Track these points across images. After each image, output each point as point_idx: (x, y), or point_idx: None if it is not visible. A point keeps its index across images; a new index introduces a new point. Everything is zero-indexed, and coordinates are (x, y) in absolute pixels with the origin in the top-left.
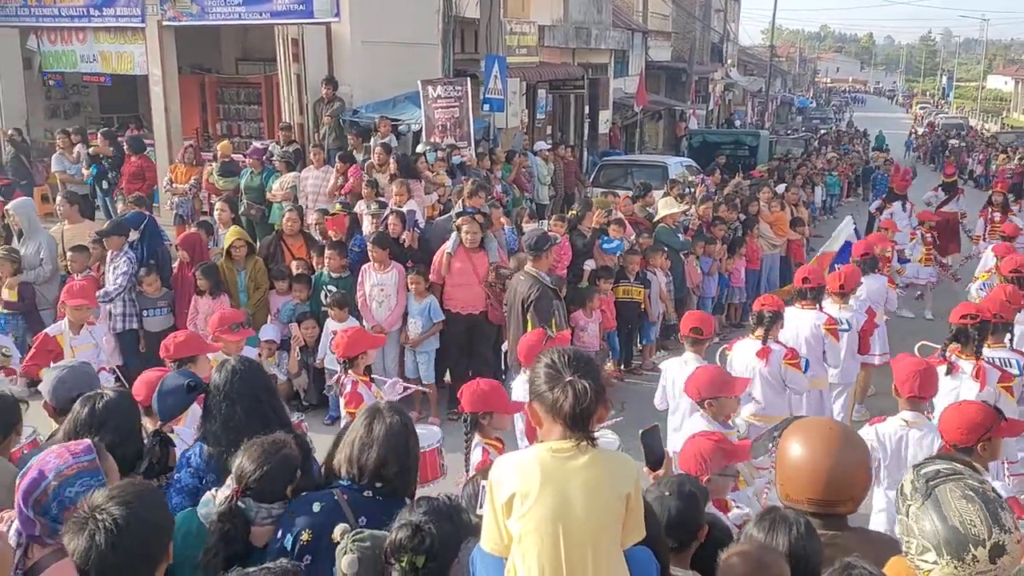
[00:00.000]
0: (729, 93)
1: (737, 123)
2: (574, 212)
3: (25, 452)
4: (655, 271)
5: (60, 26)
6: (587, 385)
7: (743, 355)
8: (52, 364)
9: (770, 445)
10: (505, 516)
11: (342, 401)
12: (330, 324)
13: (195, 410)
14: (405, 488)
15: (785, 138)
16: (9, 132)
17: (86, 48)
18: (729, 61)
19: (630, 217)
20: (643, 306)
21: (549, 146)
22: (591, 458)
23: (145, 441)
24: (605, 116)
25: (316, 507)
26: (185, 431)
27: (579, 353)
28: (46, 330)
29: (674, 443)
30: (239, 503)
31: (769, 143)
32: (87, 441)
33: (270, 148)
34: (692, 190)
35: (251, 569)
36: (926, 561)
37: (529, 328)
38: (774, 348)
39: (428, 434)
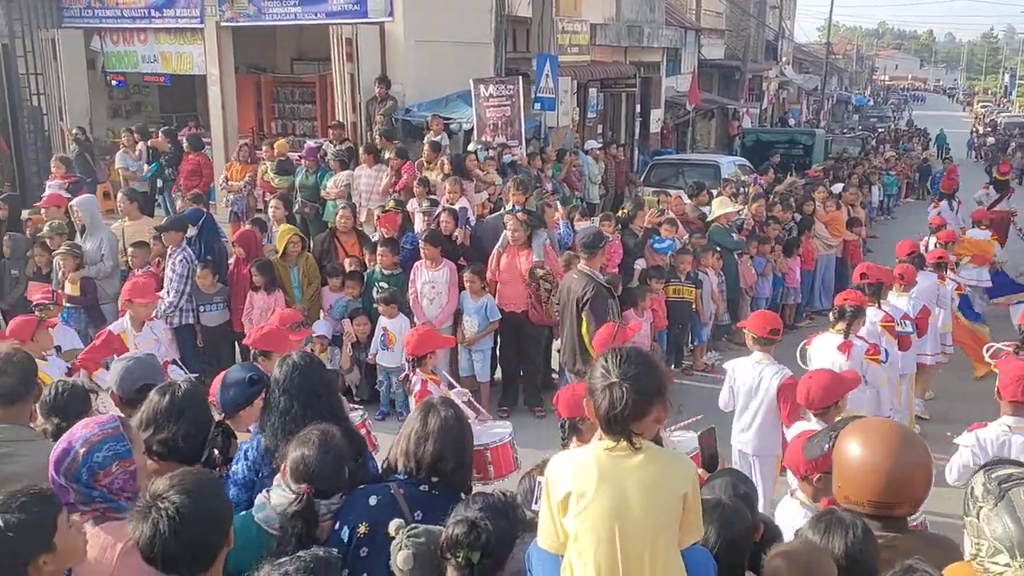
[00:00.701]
0: (783, 91)
1: (791, 122)
2: (624, 211)
3: None
4: (707, 271)
5: (122, 27)
6: (626, 391)
7: (823, 350)
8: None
9: (825, 445)
10: (561, 514)
11: (412, 399)
12: (381, 321)
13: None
14: (461, 483)
15: (841, 137)
16: (74, 131)
17: (147, 49)
18: (784, 59)
19: (681, 217)
20: (695, 306)
21: (600, 145)
22: (647, 457)
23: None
24: (656, 115)
25: (372, 500)
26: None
27: (638, 355)
28: (110, 327)
29: (744, 443)
30: (313, 501)
31: (825, 142)
32: (112, 413)
33: (324, 147)
34: (745, 190)
35: (284, 559)
36: (997, 564)
37: (584, 327)
38: (856, 343)
39: (500, 428)
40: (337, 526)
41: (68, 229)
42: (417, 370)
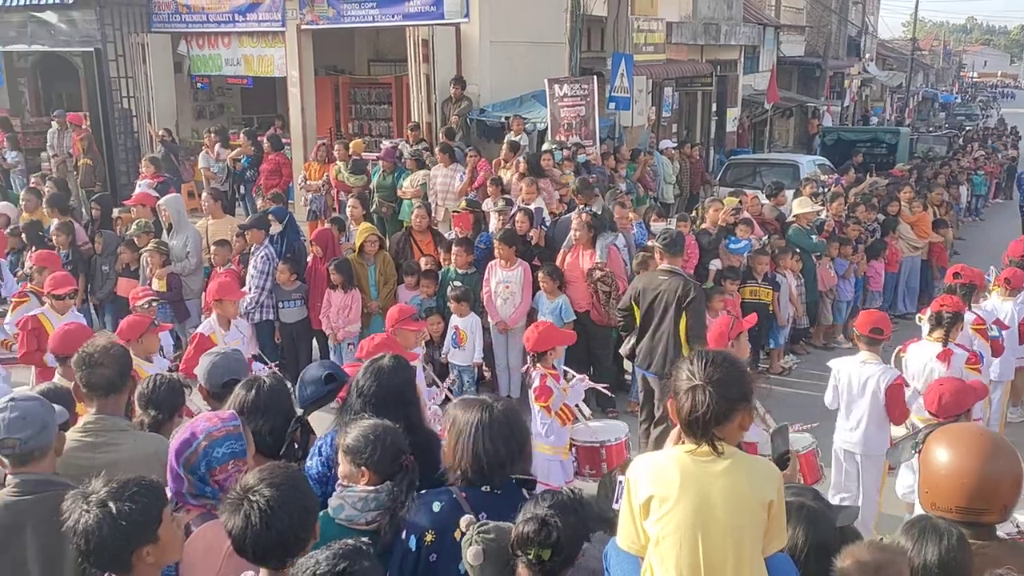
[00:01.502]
0: (866, 89)
1: (874, 120)
2: (698, 211)
3: None
4: (785, 273)
5: (208, 31)
6: (710, 394)
7: (920, 358)
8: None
9: (913, 452)
10: (642, 517)
11: (532, 395)
12: (453, 319)
13: None
14: (523, 482)
15: (927, 135)
16: (160, 132)
17: (231, 52)
18: (867, 55)
19: (758, 217)
20: (772, 309)
21: (675, 144)
22: (733, 463)
23: None
24: (733, 113)
25: (436, 507)
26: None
27: (724, 359)
28: (199, 330)
29: (851, 443)
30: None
31: (909, 141)
32: (233, 411)
33: (400, 147)
34: (826, 190)
35: (318, 551)
36: None
37: (682, 328)
38: (956, 352)
39: (614, 427)
40: (404, 534)
41: (155, 227)
42: (538, 365)
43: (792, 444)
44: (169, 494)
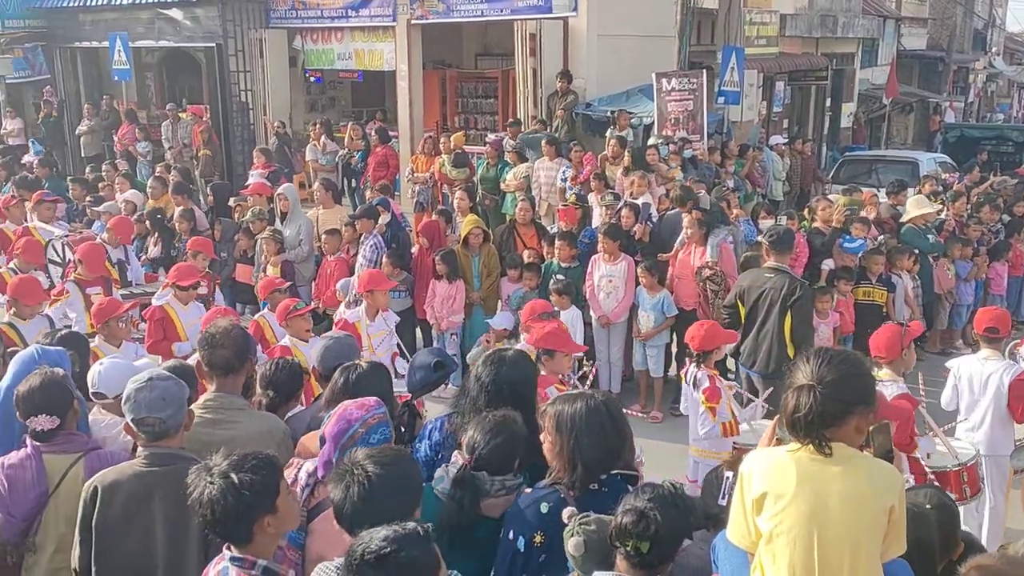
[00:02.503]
0: (992, 84)
1: (999, 117)
2: (808, 209)
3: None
4: (900, 274)
5: (322, 27)
6: (816, 396)
7: None
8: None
9: None
10: (755, 513)
11: (700, 395)
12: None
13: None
14: (628, 478)
15: None
16: (275, 124)
17: (343, 47)
18: (993, 49)
19: (874, 216)
20: (886, 310)
21: (785, 140)
22: (852, 465)
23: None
24: (848, 109)
25: (544, 508)
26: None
27: (844, 360)
28: (345, 316)
29: (972, 442)
30: (471, 473)
31: None
32: (377, 398)
33: (505, 141)
34: (947, 188)
35: (377, 529)
36: None
37: (787, 328)
38: None
39: None
40: (511, 535)
41: (268, 216)
42: (702, 365)
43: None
44: (320, 473)
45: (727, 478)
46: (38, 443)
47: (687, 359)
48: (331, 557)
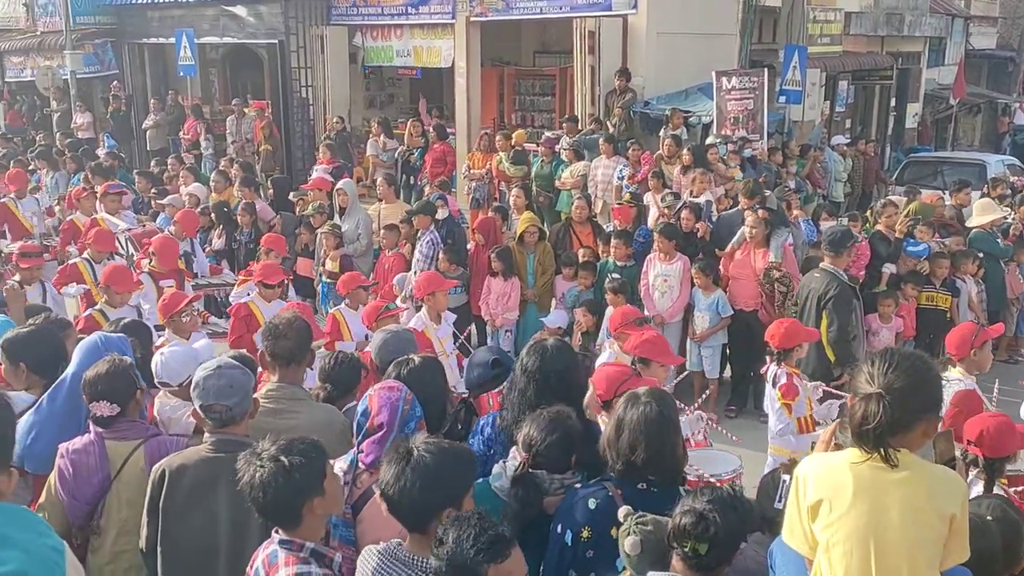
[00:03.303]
0: None
1: None
2: (871, 211)
3: None
4: (965, 278)
5: (382, 24)
6: (885, 405)
7: None
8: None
9: None
10: (811, 519)
11: (776, 392)
12: (609, 310)
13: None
14: (673, 479)
15: None
16: (334, 120)
17: (402, 43)
18: None
19: (939, 219)
20: (950, 316)
21: (848, 140)
22: (912, 473)
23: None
24: (913, 109)
25: (592, 504)
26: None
27: (911, 363)
28: (412, 324)
29: None
30: (531, 472)
31: None
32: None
33: (561, 139)
34: (1017, 192)
35: (465, 528)
36: None
37: (824, 326)
38: None
39: (724, 459)
40: (560, 529)
41: (328, 210)
42: (782, 363)
43: None
44: (369, 459)
45: (784, 481)
46: (100, 429)
47: (768, 357)
48: (387, 539)
